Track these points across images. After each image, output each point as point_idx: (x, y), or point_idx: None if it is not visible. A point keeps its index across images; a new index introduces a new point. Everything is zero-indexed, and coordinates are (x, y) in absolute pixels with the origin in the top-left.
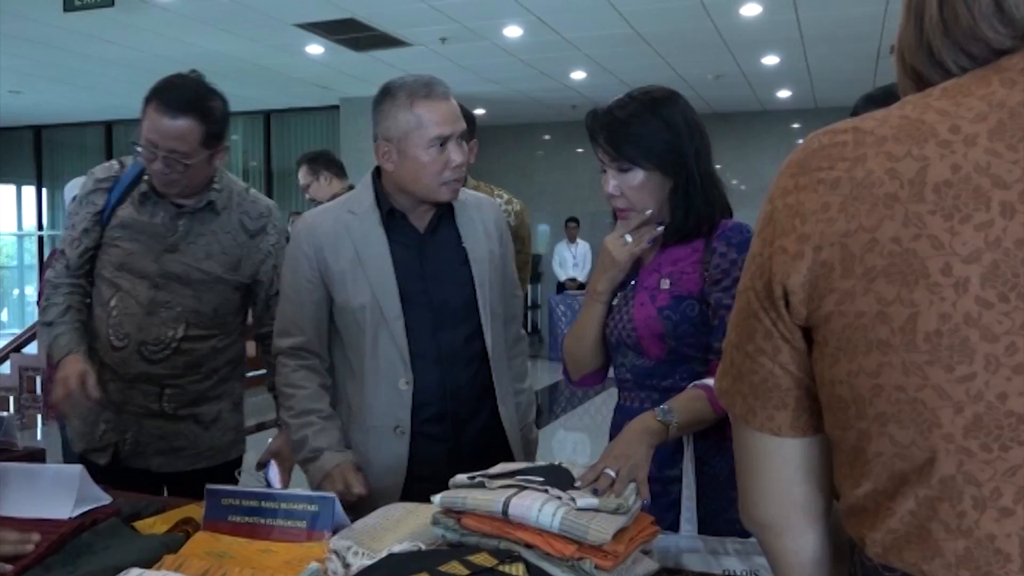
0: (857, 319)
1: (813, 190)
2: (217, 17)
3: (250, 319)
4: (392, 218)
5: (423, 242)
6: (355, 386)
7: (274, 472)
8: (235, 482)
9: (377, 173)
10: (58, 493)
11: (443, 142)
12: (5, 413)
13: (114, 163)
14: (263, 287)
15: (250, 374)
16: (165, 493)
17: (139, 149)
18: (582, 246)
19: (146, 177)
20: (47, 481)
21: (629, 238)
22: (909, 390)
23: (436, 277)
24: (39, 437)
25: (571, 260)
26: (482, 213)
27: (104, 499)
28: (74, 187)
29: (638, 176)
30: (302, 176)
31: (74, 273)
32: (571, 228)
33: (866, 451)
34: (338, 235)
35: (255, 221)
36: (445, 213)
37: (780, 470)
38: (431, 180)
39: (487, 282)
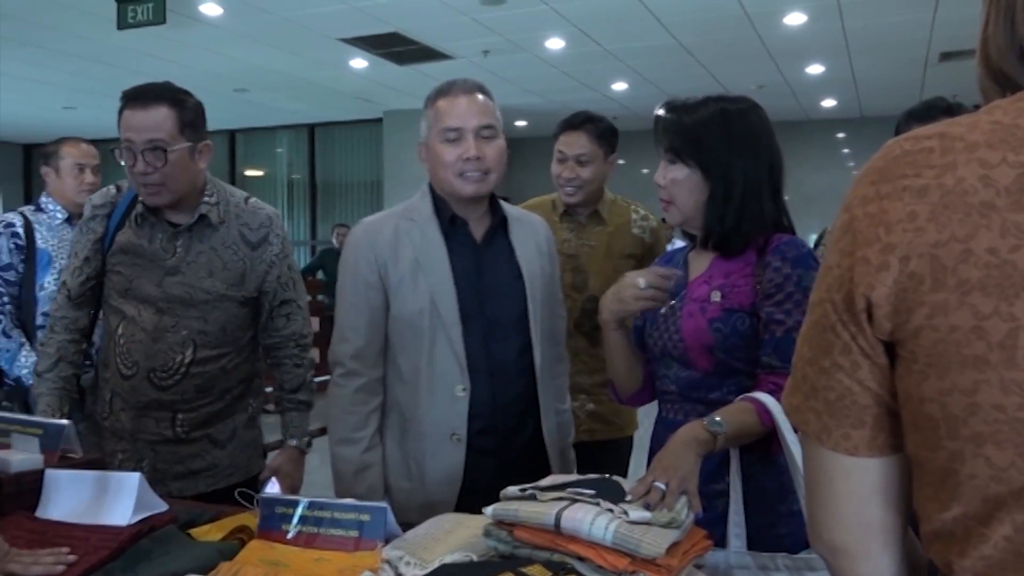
0: (950, 334)
1: (898, 198)
2: (264, 33)
3: None
4: (452, 225)
5: (479, 253)
6: (408, 393)
7: (275, 490)
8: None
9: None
10: (118, 500)
11: (457, 135)
12: (66, 421)
13: (111, 188)
14: (268, 298)
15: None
16: None
17: (118, 153)
18: None
19: (141, 198)
20: (107, 488)
21: (643, 283)
22: (1008, 410)
23: (492, 289)
24: None
25: None
26: (534, 230)
27: (162, 506)
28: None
29: (681, 171)
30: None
31: (75, 302)
32: None
33: (958, 473)
34: (398, 240)
35: (256, 232)
36: (499, 225)
37: (855, 492)
38: (446, 172)
39: (538, 298)
